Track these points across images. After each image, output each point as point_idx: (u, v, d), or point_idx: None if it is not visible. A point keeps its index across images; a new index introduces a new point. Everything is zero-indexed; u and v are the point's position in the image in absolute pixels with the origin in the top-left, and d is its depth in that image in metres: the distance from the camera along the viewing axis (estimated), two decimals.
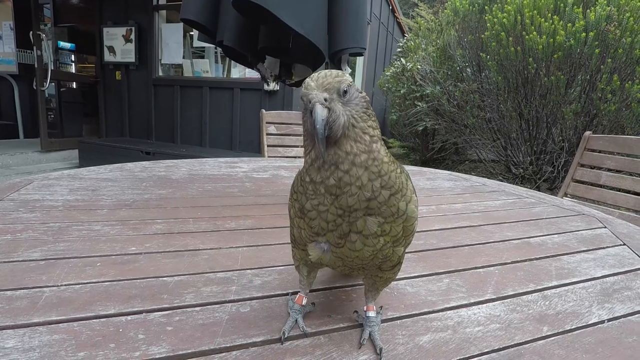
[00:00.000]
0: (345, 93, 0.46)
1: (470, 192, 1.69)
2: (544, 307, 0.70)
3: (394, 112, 6.63)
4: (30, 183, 1.32)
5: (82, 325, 0.54)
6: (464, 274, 0.82)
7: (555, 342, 0.59)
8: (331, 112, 0.45)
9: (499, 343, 0.57)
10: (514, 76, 3.81)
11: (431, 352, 0.54)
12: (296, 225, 0.54)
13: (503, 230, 1.15)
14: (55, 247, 0.80)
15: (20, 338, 0.51)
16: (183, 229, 0.98)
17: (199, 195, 1.33)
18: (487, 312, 0.66)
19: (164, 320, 0.57)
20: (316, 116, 0.43)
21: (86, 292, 0.64)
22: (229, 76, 5.55)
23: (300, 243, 0.55)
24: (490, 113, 4.24)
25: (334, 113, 0.45)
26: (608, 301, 0.73)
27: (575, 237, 1.12)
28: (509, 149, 4.30)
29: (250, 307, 0.63)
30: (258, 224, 1.07)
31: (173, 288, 0.67)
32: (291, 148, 2.86)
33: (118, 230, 0.94)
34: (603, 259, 0.95)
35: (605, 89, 3.24)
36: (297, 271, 0.61)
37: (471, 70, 4.51)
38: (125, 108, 5.92)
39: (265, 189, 1.50)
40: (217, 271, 0.75)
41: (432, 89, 4.79)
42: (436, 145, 6.06)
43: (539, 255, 0.96)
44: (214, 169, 1.85)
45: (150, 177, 1.55)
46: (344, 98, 0.46)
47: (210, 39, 1.21)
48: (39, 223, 0.94)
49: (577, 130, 3.59)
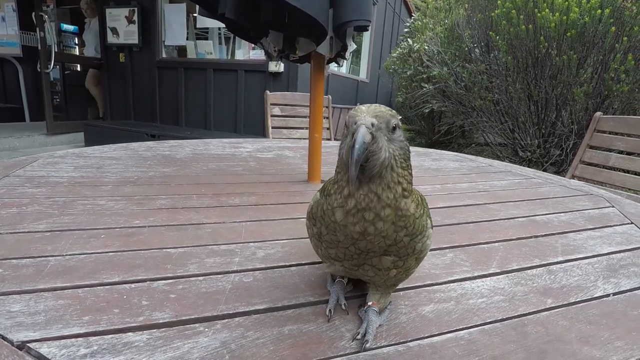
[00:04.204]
0: (395, 129, 0.43)
1: (476, 172, 1.67)
2: (548, 281, 0.69)
3: (400, 95, 6.53)
4: (35, 161, 1.33)
5: (86, 292, 0.55)
6: (468, 249, 0.81)
7: (560, 313, 0.58)
8: (375, 140, 0.41)
9: (502, 314, 0.57)
10: (524, 56, 3.71)
11: (434, 321, 0.54)
12: (313, 241, 0.55)
13: (509, 208, 1.14)
14: (60, 220, 0.81)
15: (26, 302, 0.51)
16: (187, 204, 0.98)
17: (202, 173, 1.33)
18: (491, 285, 0.66)
19: (167, 288, 0.58)
20: (357, 137, 0.40)
21: (91, 261, 0.64)
22: (233, 58, 5.48)
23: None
24: (498, 95, 4.15)
25: (377, 144, 0.41)
26: (614, 276, 0.72)
27: (582, 215, 1.10)
28: (516, 131, 4.23)
29: (253, 277, 0.63)
30: (262, 200, 1.06)
31: (177, 259, 0.67)
32: (296, 130, 2.83)
33: (122, 205, 0.94)
34: (610, 236, 0.94)
35: (619, 69, 3.15)
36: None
37: (480, 51, 4.40)
38: (129, 90, 5.89)
39: (269, 168, 1.50)
40: (221, 244, 0.75)
41: (440, 70, 4.69)
42: (442, 128, 5.98)
43: (544, 232, 0.95)
44: (218, 148, 1.85)
45: (154, 156, 1.55)
46: (391, 134, 0.43)
47: (212, 13, 1.18)
48: (44, 197, 0.95)
49: (588, 112, 3.51)
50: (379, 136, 0.41)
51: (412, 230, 0.46)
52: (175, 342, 0.46)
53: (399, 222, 0.45)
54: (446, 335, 0.51)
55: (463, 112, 4.85)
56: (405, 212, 0.45)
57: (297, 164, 1.59)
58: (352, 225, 0.45)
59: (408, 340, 0.50)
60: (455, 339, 0.51)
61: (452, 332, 0.52)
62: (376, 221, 0.44)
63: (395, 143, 0.43)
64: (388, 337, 0.50)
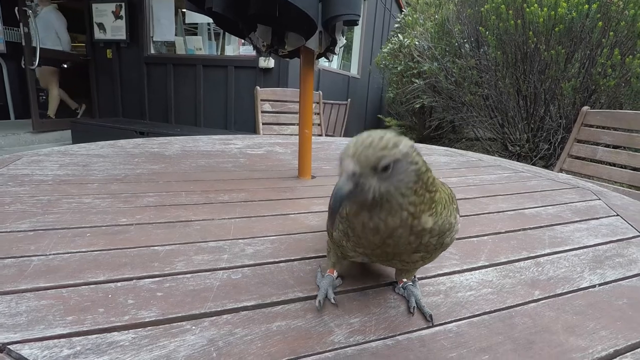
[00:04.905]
0: (386, 169, 0.40)
1: (466, 166, 1.68)
2: (536, 273, 0.70)
3: (390, 90, 6.54)
4: (19, 159, 1.30)
5: (70, 292, 0.54)
6: (458, 242, 0.82)
7: (546, 304, 0.59)
8: (358, 188, 0.40)
9: (490, 306, 0.58)
10: (513, 51, 3.74)
11: (421, 314, 0.54)
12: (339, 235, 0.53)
13: (498, 202, 1.15)
14: (44, 219, 0.79)
15: (7, 303, 0.50)
16: (175, 201, 0.97)
17: (192, 170, 1.32)
18: (480, 278, 0.66)
19: (154, 286, 0.57)
20: (335, 189, 0.39)
21: (75, 260, 0.63)
22: (223, 54, 5.42)
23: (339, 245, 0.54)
24: (488, 90, 4.18)
25: (361, 190, 0.40)
26: (600, 267, 0.73)
27: (569, 208, 1.12)
28: (506, 126, 4.27)
29: (241, 274, 0.62)
30: (251, 197, 1.06)
31: (164, 257, 0.66)
32: (287, 126, 2.82)
33: (109, 203, 0.92)
34: (596, 228, 0.96)
35: (605, 64, 3.19)
36: (328, 257, 0.62)
37: (469, 46, 4.42)
38: (117, 87, 5.80)
39: (259, 164, 1.49)
40: (209, 241, 0.74)
41: (430, 65, 4.71)
42: (433, 123, 6.01)
43: (532, 225, 0.96)
44: (207, 145, 1.83)
45: (142, 154, 1.52)
46: (383, 174, 0.40)
47: (199, 8, 1.16)
48: (27, 196, 0.93)
49: (575, 106, 3.55)
50: (363, 181, 0.40)
51: (438, 232, 0.46)
52: (162, 340, 0.45)
53: (418, 234, 0.45)
54: (435, 329, 0.51)
55: (453, 107, 4.88)
56: (420, 228, 0.44)
57: (288, 160, 1.58)
58: (371, 236, 0.45)
59: (397, 334, 0.50)
60: (444, 331, 0.51)
61: (441, 325, 0.52)
62: (392, 236, 0.44)
63: (392, 179, 0.40)
64: (377, 331, 0.50)
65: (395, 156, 0.40)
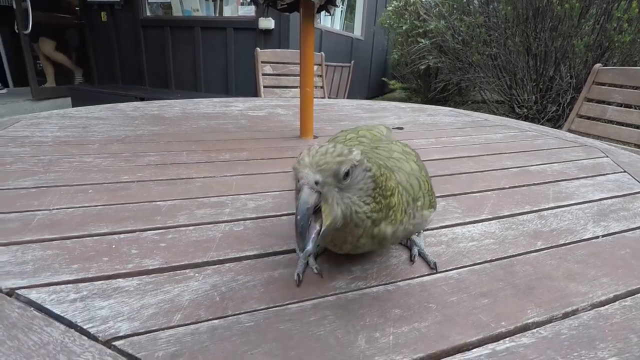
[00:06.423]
0: (347, 176, 0.38)
1: (472, 126, 1.65)
2: (539, 225, 0.70)
3: (395, 52, 6.32)
4: (18, 122, 1.29)
5: (75, 242, 0.54)
6: (461, 197, 0.81)
7: (548, 254, 0.59)
8: (323, 197, 0.37)
9: (492, 255, 0.58)
10: (525, 6, 3.56)
11: (423, 263, 0.55)
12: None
13: (503, 160, 1.13)
14: (46, 177, 0.79)
15: (13, 253, 0.51)
16: (176, 160, 0.96)
17: (192, 131, 1.30)
18: (482, 230, 0.66)
19: (157, 237, 0.57)
20: (299, 203, 0.36)
21: (78, 215, 0.63)
22: (221, 15, 5.21)
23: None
24: (496, 49, 4.03)
25: (325, 202, 0.37)
26: (604, 220, 0.73)
27: (575, 165, 1.10)
28: (514, 87, 4.16)
29: (244, 227, 0.62)
30: (253, 155, 1.05)
31: (166, 211, 0.66)
32: (288, 89, 2.75)
33: (110, 162, 0.92)
34: (602, 184, 0.94)
35: (622, 18, 3.04)
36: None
37: (479, 2, 4.21)
38: (114, 52, 5.64)
39: (261, 125, 1.46)
40: (211, 196, 0.74)
41: (436, 23, 4.51)
42: (439, 85, 5.86)
43: (537, 181, 0.95)
44: (208, 107, 1.80)
45: (142, 116, 1.50)
46: (343, 182, 0.38)
47: None
48: (28, 156, 0.92)
49: (587, 65, 3.43)
50: (327, 192, 0.38)
51: (402, 236, 0.47)
52: (166, 286, 0.46)
53: (381, 242, 0.45)
54: (435, 275, 0.52)
55: (460, 68, 4.73)
56: (382, 237, 0.43)
57: (290, 121, 1.56)
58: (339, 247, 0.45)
59: (398, 280, 0.50)
60: (445, 278, 0.51)
61: (442, 273, 0.52)
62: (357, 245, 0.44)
63: (351, 190, 0.39)
64: (378, 277, 0.50)
65: (353, 162, 0.39)
